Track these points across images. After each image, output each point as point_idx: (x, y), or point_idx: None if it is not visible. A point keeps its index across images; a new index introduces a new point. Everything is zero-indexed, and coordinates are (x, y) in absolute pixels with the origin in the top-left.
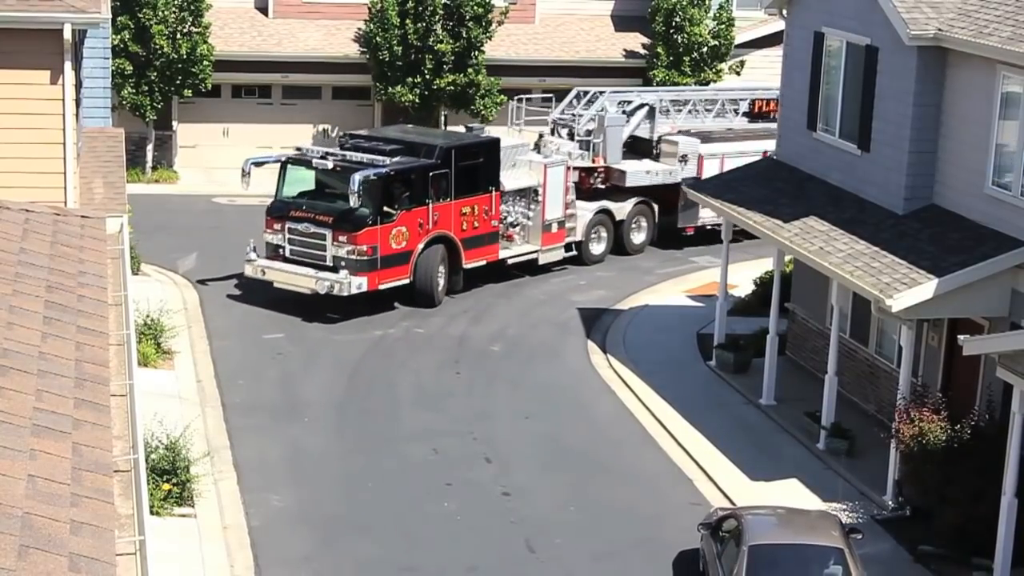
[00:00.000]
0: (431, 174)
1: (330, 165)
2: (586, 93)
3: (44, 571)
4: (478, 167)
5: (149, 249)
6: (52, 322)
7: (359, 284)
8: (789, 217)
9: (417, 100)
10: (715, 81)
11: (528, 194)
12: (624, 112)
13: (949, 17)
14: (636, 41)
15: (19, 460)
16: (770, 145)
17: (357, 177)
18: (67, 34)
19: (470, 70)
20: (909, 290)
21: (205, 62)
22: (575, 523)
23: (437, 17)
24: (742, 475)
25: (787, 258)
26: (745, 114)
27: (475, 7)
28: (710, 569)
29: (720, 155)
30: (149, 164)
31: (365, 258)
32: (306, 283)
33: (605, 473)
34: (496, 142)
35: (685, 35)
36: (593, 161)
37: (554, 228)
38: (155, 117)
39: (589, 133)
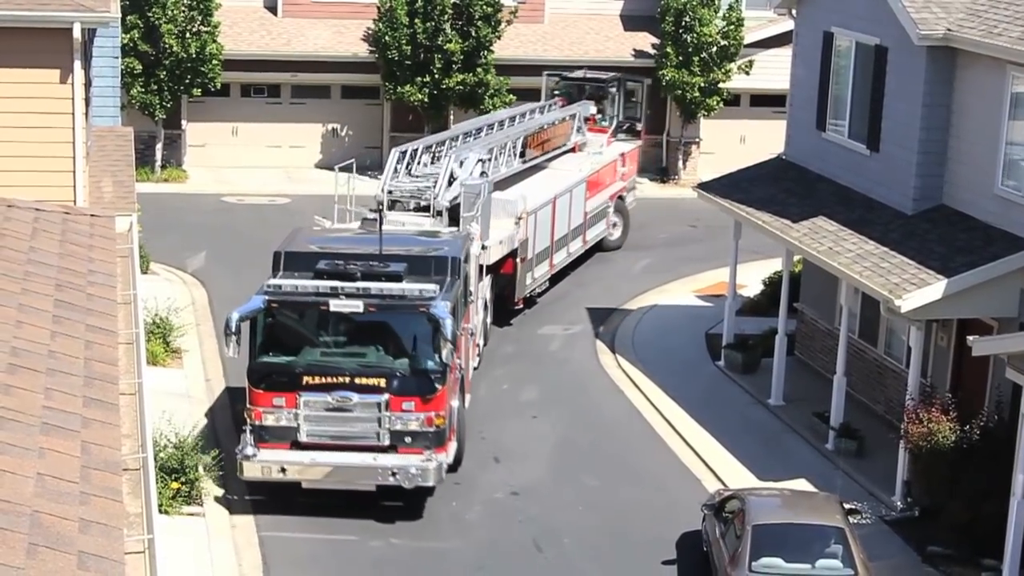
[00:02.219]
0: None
1: (360, 307)
2: (404, 154)
3: (53, 569)
4: None
5: (158, 248)
6: (61, 320)
7: (442, 464)
8: (798, 217)
9: (426, 99)
10: (723, 81)
11: None
12: (479, 173)
13: (959, 17)
14: (645, 41)
15: (28, 458)
16: (568, 165)
17: (448, 323)
18: (76, 33)
19: (479, 69)
20: (918, 290)
21: (214, 61)
22: (583, 522)
23: (446, 16)
24: (750, 475)
25: (796, 258)
26: (520, 154)
27: (484, 6)
28: (713, 549)
29: (551, 200)
30: (158, 163)
31: (443, 427)
32: (364, 478)
33: (614, 472)
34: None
35: (694, 35)
36: None
37: None
38: (164, 116)
39: (454, 208)
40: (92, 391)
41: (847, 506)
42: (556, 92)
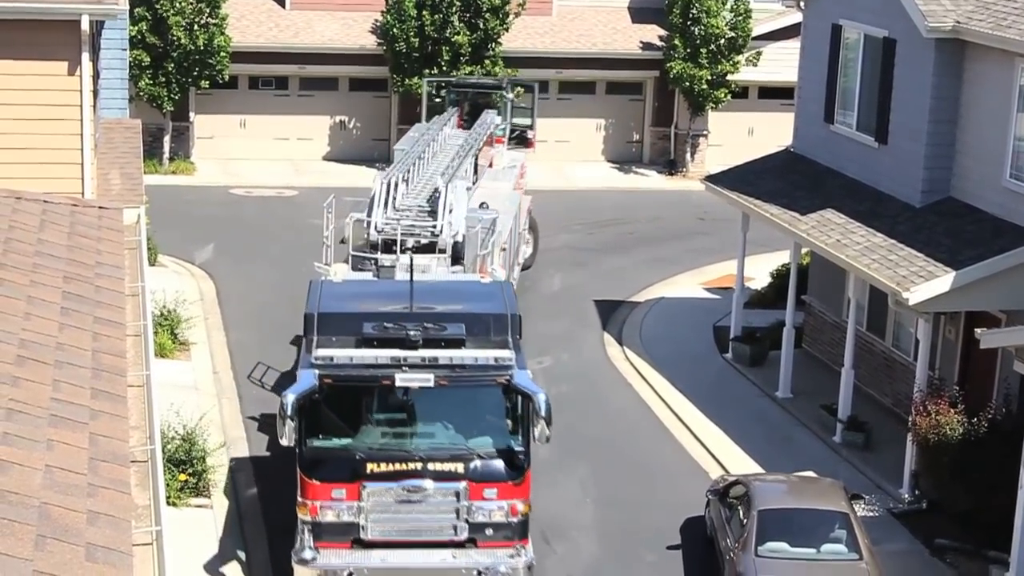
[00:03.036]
0: None
1: (430, 381)
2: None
3: (61, 561)
4: None
5: (166, 240)
6: (69, 313)
7: (532, 560)
8: (806, 210)
9: (433, 91)
10: (731, 73)
11: None
12: (479, 204)
13: (967, 9)
14: (653, 33)
15: (36, 450)
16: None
17: (542, 398)
18: (85, 25)
19: (487, 62)
20: (926, 283)
21: (222, 53)
22: (591, 515)
23: (454, 8)
24: (758, 467)
25: (804, 251)
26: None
27: None
28: (718, 533)
29: (511, 225)
30: (166, 155)
31: (528, 515)
32: None
33: (621, 465)
34: None
35: (702, 27)
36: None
37: None
38: (172, 108)
39: (458, 245)
40: (100, 383)
41: (851, 492)
42: (439, 100)
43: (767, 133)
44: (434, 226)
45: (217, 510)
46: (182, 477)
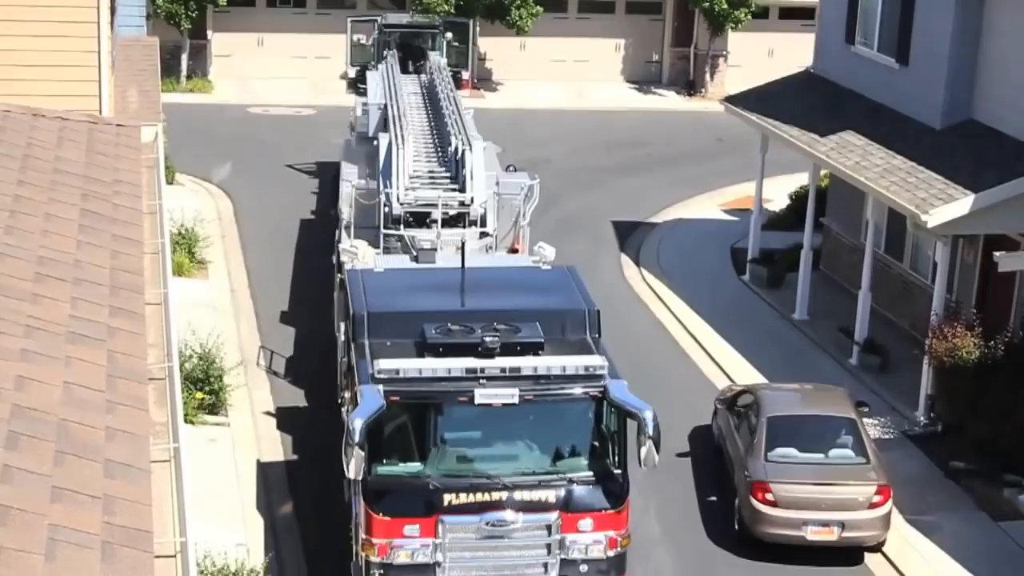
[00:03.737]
0: None
1: (514, 397)
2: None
3: (80, 477)
4: None
5: (183, 159)
6: (87, 230)
7: None
8: (825, 132)
9: (452, 10)
10: None
11: None
12: (507, 167)
13: None
14: None
15: (55, 367)
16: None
17: (649, 415)
18: None
19: None
20: (945, 206)
21: None
22: None
23: None
24: None
25: (823, 173)
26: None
27: None
28: (727, 441)
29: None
30: (184, 73)
31: (627, 549)
32: None
33: (637, 386)
34: None
35: None
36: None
37: None
38: (190, 26)
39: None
40: (118, 301)
41: (856, 399)
42: (367, 44)
43: (787, 54)
44: (462, 194)
45: (234, 428)
46: (199, 395)
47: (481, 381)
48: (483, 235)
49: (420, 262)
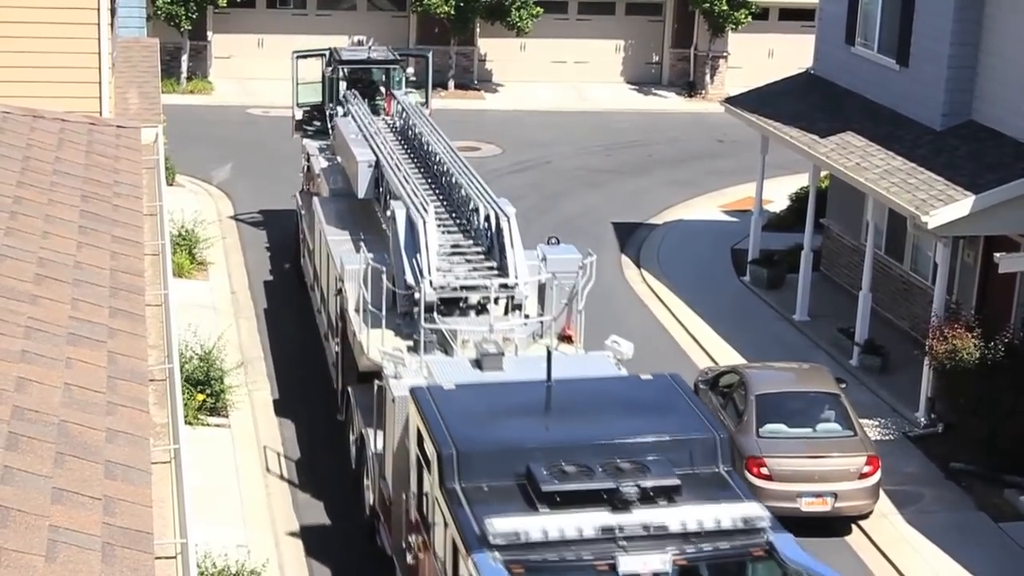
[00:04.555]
0: None
1: (666, 566)
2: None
3: (80, 478)
4: None
5: (184, 160)
6: (87, 231)
7: None
8: (826, 132)
9: (452, 12)
10: None
11: None
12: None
13: None
14: None
15: (55, 368)
16: None
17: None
18: None
19: None
20: (945, 207)
21: None
22: None
23: None
24: None
25: (823, 174)
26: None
27: None
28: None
29: None
30: (184, 75)
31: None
32: None
33: None
34: None
35: None
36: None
37: None
38: (190, 27)
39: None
40: (118, 302)
41: (836, 377)
42: (332, 79)
43: (787, 55)
44: (504, 275)
45: (235, 429)
46: (200, 397)
47: (620, 543)
48: (526, 318)
49: (485, 369)
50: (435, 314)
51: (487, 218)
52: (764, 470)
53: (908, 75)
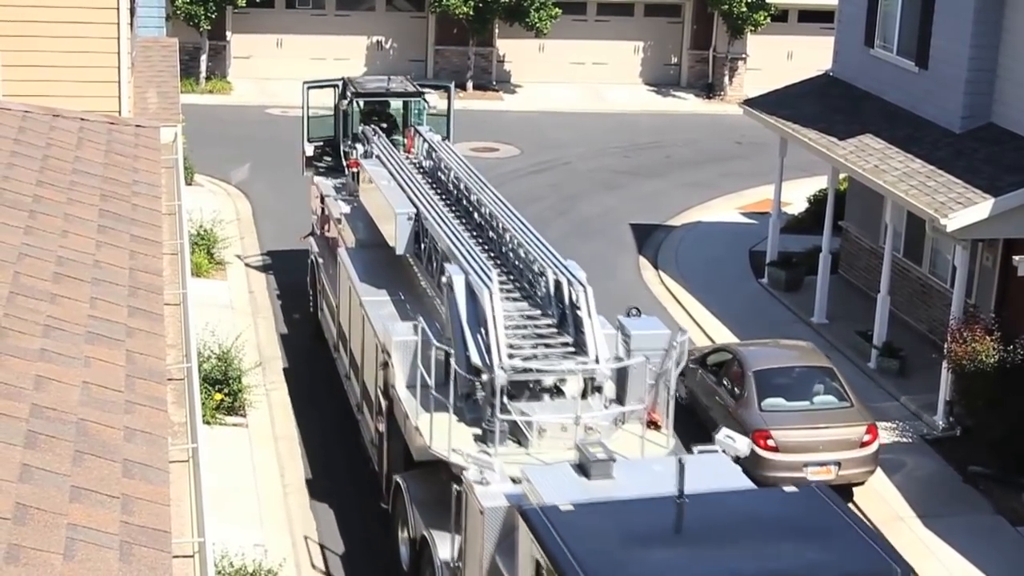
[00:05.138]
0: None
1: None
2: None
3: (98, 476)
4: None
5: (202, 159)
6: (106, 231)
7: None
8: (844, 135)
9: (471, 12)
10: None
11: None
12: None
13: None
14: None
15: (74, 367)
16: None
17: None
18: None
19: None
20: (964, 209)
21: None
22: None
23: None
24: None
25: (841, 176)
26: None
27: None
28: (704, 398)
29: None
30: (203, 74)
31: None
32: None
33: None
34: None
35: None
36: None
37: None
38: (209, 27)
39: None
40: (137, 301)
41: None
42: (346, 112)
43: (806, 57)
44: (579, 349)
45: (252, 429)
46: (218, 396)
47: None
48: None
49: (593, 477)
50: (502, 397)
51: (557, 285)
52: (771, 442)
53: (927, 77)
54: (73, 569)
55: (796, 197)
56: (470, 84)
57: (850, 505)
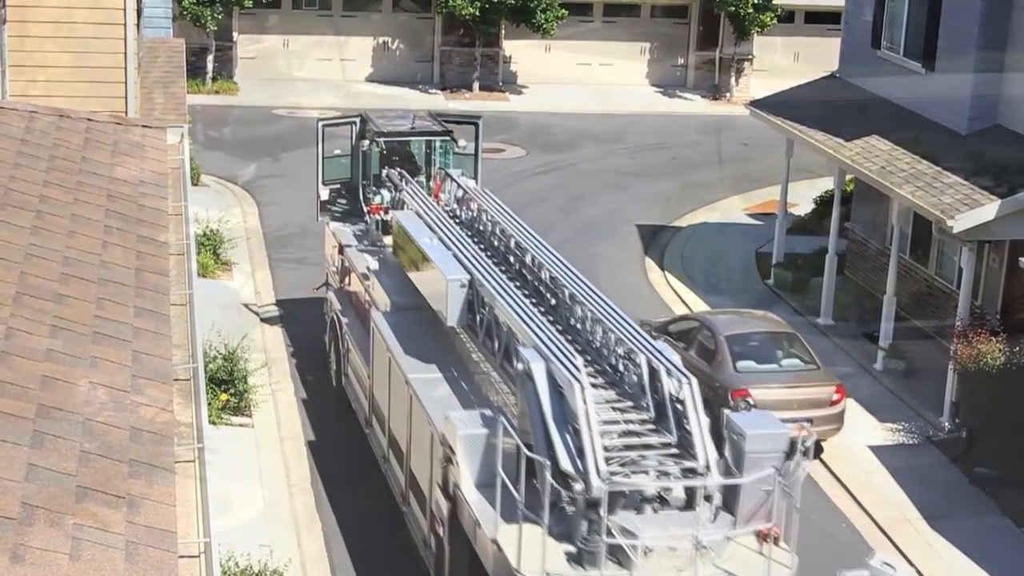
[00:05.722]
0: None
1: None
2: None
3: (104, 476)
4: None
5: (209, 160)
6: (113, 231)
7: None
8: (851, 136)
9: (477, 13)
10: None
11: None
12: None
13: None
14: None
15: (80, 367)
16: None
17: None
18: None
19: None
20: (971, 211)
21: None
22: None
23: None
24: None
25: (848, 177)
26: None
27: None
28: None
29: None
30: (209, 75)
31: None
32: None
33: None
34: None
35: None
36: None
37: None
38: (215, 28)
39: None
40: (143, 301)
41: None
42: (365, 154)
43: (813, 58)
44: (683, 451)
45: (258, 429)
46: (224, 397)
47: None
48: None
49: None
50: (600, 511)
51: (652, 373)
52: (750, 400)
53: (934, 79)
54: (79, 569)
55: (802, 198)
56: (476, 85)
57: (818, 462)
